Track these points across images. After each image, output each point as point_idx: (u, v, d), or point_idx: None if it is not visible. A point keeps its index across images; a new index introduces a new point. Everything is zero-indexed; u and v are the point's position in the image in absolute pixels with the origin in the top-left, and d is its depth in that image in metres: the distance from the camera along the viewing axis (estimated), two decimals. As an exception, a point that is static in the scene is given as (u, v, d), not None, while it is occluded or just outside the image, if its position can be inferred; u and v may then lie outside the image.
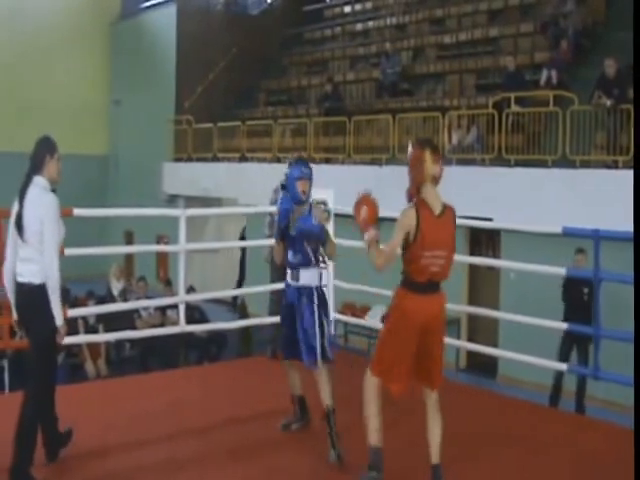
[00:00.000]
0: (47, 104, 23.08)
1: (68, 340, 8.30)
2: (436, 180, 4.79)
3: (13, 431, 4.94)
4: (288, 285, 5.86)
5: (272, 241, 7.19)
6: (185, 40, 22.08)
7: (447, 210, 4.83)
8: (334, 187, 8.60)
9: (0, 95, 22.86)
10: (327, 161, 16.67)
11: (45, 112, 23.06)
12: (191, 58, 21.91)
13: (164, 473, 5.26)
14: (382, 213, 5.01)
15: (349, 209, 5.02)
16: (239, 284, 18.61)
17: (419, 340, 4.80)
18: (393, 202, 5.91)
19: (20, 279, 4.97)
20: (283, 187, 5.86)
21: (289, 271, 5.85)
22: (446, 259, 4.80)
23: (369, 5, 22.72)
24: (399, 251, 4.81)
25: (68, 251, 7.26)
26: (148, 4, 24.11)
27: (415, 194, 4.83)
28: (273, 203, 8.22)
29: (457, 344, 10.14)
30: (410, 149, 4.90)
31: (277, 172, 7.91)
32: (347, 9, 23.55)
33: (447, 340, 5.82)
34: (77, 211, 7.07)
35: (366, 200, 4.93)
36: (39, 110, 22.75)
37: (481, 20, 18.58)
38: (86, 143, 24.03)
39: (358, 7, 23.10)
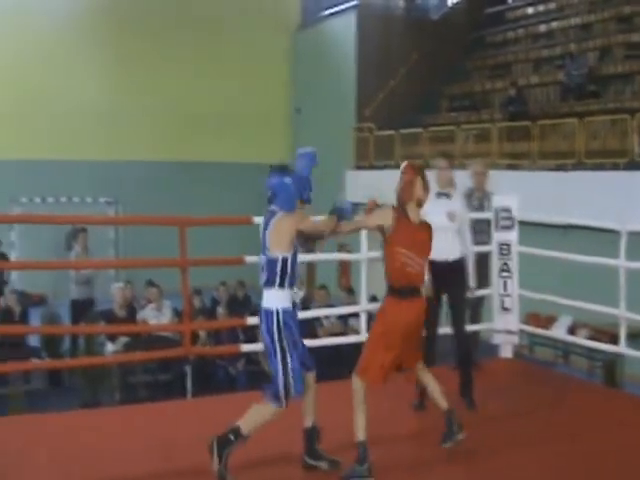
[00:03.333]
0: (228, 113, 23.64)
1: (248, 348, 8.44)
2: (420, 204, 5.59)
3: (200, 434, 5.01)
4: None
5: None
6: (365, 47, 22.11)
7: (426, 225, 5.58)
8: (518, 194, 8.34)
9: (174, 106, 23.62)
10: (511, 167, 16.26)
11: (226, 121, 23.68)
12: (372, 65, 21.92)
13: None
14: (568, 220, 4.84)
15: (534, 216, 4.82)
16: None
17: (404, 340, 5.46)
18: (579, 208, 5.65)
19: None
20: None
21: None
22: (421, 266, 5.47)
23: (552, 5, 22.10)
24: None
25: (249, 259, 7.33)
26: (329, 12, 24.30)
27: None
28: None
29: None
30: (403, 168, 5.82)
31: (461, 179, 7.75)
32: (530, 10, 23.00)
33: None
34: (257, 219, 7.10)
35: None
36: (218, 119, 23.36)
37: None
38: (268, 152, 24.47)
39: (541, 8, 22.51)
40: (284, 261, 5.21)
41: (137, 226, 21.08)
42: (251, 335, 10.68)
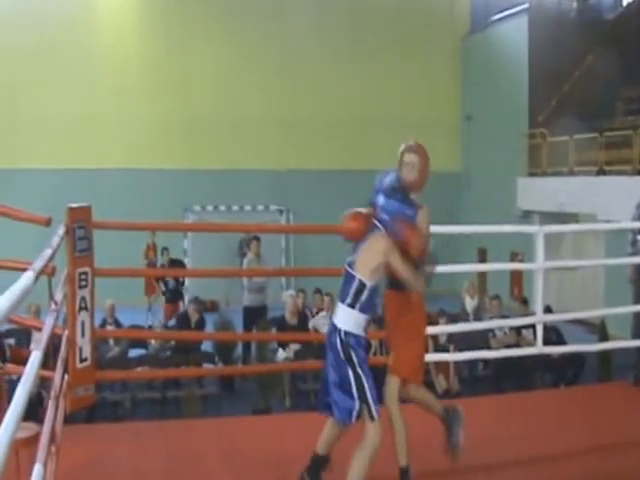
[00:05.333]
0: (398, 121, 23.63)
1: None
2: None
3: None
4: None
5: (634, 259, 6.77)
6: (537, 51, 21.63)
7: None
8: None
9: (343, 113, 23.77)
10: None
11: (395, 129, 23.64)
12: (544, 69, 21.42)
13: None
14: None
15: None
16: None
17: None
18: None
19: None
20: None
21: None
22: None
23: None
24: None
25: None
26: (499, 16, 23.93)
27: None
28: (636, 219, 7.73)
29: None
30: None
31: (638, 185, 7.41)
32: None
33: None
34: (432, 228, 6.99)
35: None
36: (388, 127, 23.39)
37: None
38: (439, 160, 24.25)
39: None
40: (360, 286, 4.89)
41: (307, 235, 21.36)
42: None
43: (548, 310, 12.02)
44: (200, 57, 22.70)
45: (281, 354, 11.46)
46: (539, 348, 7.75)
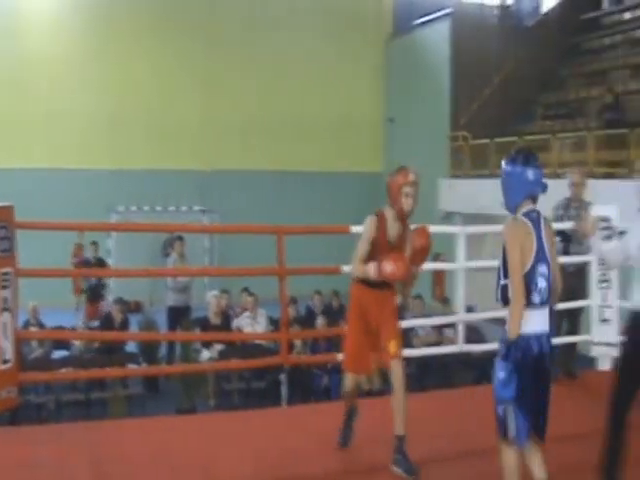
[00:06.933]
0: (320, 123, 23.74)
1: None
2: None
3: (294, 442, 5.03)
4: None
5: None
6: (459, 55, 21.94)
7: None
8: (616, 203, 8.17)
9: (267, 115, 23.84)
10: (608, 176, 15.94)
11: (318, 131, 23.80)
12: (466, 73, 21.74)
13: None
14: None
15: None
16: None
17: None
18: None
19: None
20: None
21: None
22: None
23: (651, 10, 21.66)
24: None
25: (346, 268, 7.33)
26: (421, 20, 24.21)
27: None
28: (553, 220, 7.93)
29: None
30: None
31: (556, 188, 7.59)
32: (627, 15, 22.56)
33: None
34: (354, 228, 7.10)
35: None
36: (310, 129, 23.50)
37: None
38: (361, 161, 24.54)
39: (638, 13, 22.03)
40: None
41: (231, 235, 21.35)
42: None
43: (469, 309, 12.25)
44: (125, 59, 22.49)
45: (205, 354, 11.46)
46: (460, 346, 7.92)
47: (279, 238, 7.25)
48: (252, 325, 12.09)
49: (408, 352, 9.71)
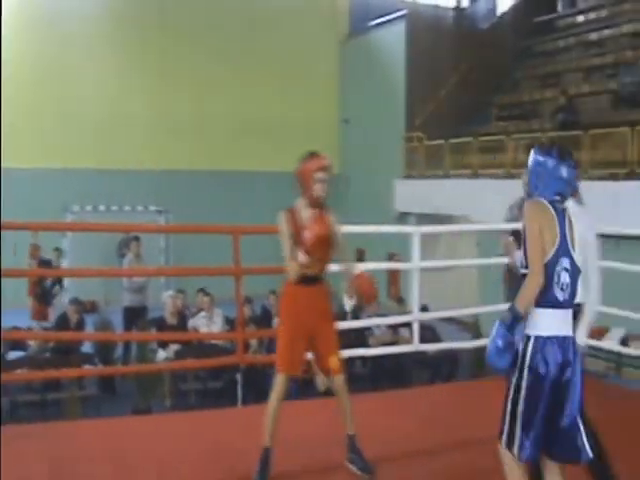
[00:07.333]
0: (275, 123, 23.76)
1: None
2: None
3: (249, 442, 5.06)
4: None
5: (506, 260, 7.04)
6: (415, 57, 22.10)
7: None
8: (569, 204, 8.26)
9: (222, 115, 23.86)
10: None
11: (273, 131, 23.82)
12: (421, 74, 21.91)
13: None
14: (621, 230, 4.83)
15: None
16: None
17: None
18: (632, 218, 5.59)
19: None
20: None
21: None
22: None
23: (603, 13, 21.94)
24: None
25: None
26: (377, 22, 24.35)
27: None
28: (508, 221, 8.02)
29: None
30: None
31: (511, 189, 7.70)
32: (580, 18, 22.88)
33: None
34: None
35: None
36: (266, 129, 23.51)
37: None
38: (316, 162, 24.59)
39: (592, 16, 22.36)
40: None
41: (186, 235, 21.32)
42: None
43: (424, 309, 12.36)
44: (79, 56, 22.31)
45: (161, 354, 11.44)
46: (416, 346, 8.01)
47: (235, 238, 7.28)
48: (208, 325, 12.09)
49: (363, 352, 9.83)
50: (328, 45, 25.66)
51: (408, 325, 10.21)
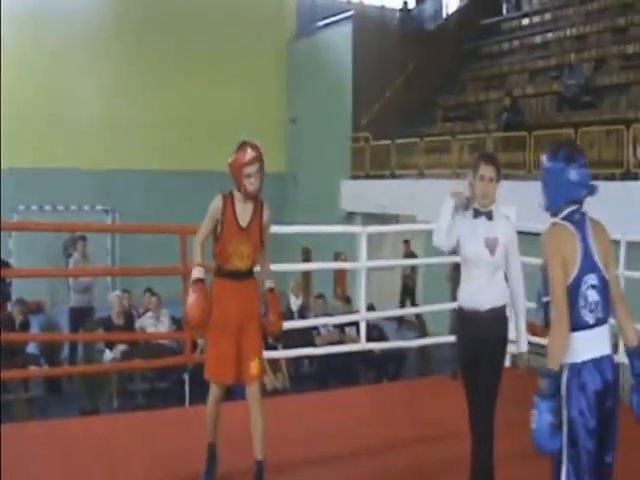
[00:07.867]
0: (223, 123, 23.72)
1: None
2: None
3: (197, 441, 5.07)
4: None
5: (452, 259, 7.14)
6: (361, 57, 22.21)
7: None
8: (514, 204, 8.41)
9: (170, 116, 23.79)
10: (507, 177, 16.31)
11: (221, 131, 23.75)
12: (368, 75, 22.02)
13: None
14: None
15: (531, 226, 4.92)
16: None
17: None
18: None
19: None
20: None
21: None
22: None
23: (548, 17, 22.26)
24: None
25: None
26: (324, 23, 24.44)
27: None
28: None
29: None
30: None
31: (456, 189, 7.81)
32: (525, 21, 23.18)
33: None
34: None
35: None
36: (214, 129, 23.47)
37: (667, 27, 17.88)
38: (265, 161, 24.54)
39: (536, 19, 22.68)
40: None
41: (132, 235, 21.20)
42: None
43: (370, 308, 12.47)
44: (23, 54, 22.06)
45: (108, 354, 11.41)
46: (362, 345, 8.07)
47: (182, 238, 7.29)
48: (155, 325, 12.05)
49: (311, 351, 9.88)
50: (276, 45, 25.67)
51: (355, 324, 10.30)
